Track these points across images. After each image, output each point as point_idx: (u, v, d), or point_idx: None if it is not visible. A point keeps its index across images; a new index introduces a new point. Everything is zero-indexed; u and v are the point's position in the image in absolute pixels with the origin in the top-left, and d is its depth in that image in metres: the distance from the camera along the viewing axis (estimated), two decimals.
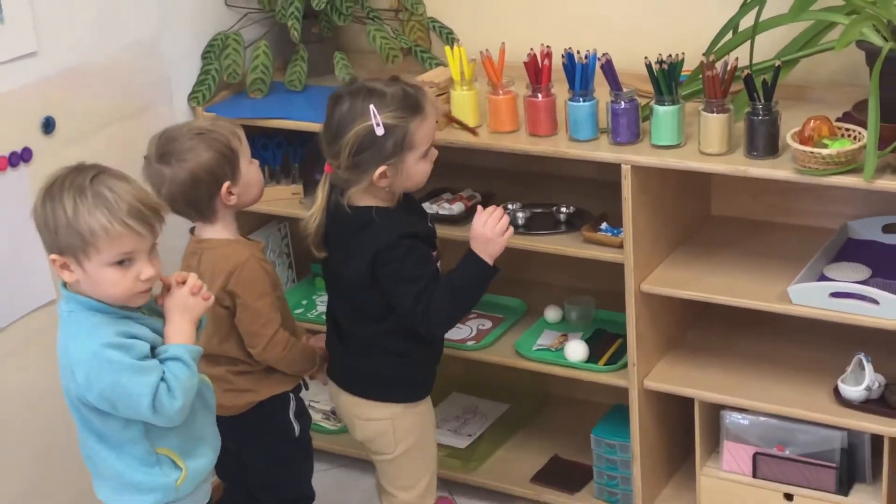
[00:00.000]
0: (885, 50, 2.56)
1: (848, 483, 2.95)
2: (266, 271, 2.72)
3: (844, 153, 2.55)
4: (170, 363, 2.29)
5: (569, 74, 2.84)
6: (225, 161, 2.63)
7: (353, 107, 2.52)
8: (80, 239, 2.22)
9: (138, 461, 2.38)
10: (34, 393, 2.92)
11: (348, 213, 2.60)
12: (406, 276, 2.58)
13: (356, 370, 2.76)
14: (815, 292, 2.72)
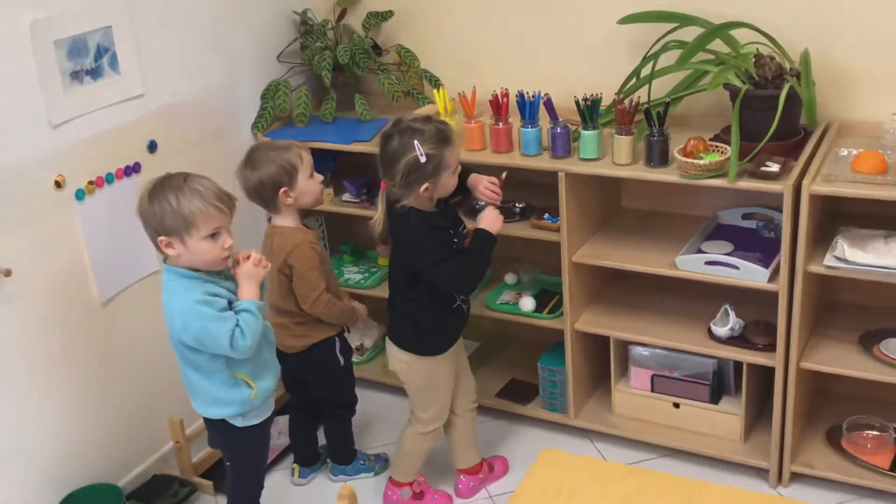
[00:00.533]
0: (743, 90, 2.58)
1: (718, 395, 2.97)
2: (315, 251, 2.70)
3: (715, 163, 2.56)
4: (242, 313, 2.30)
5: (521, 109, 2.84)
6: (284, 173, 2.63)
7: (402, 142, 2.42)
8: (183, 221, 2.23)
9: (223, 383, 2.39)
10: (147, 330, 2.92)
11: (404, 214, 2.50)
12: (431, 255, 2.51)
13: (393, 324, 2.70)
14: (694, 261, 2.73)
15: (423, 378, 2.72)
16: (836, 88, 2.79)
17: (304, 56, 3.31)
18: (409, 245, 2.53)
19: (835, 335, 2.80)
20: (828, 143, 2.68)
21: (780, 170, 2.54)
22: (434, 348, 2.68)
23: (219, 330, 2.26)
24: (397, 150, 2.43)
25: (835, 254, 2.56)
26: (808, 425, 2.95)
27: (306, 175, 2.68)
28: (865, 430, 2.85)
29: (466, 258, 2.56)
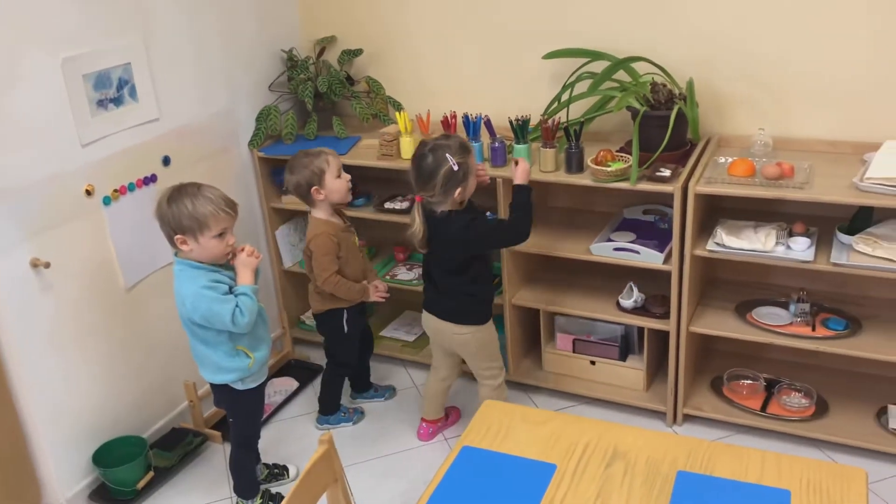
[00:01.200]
0: (642, 111, 2.61)
1: (625, 354, 3.00)
2: (332, 241, 2.70)
3: (620, 170, 2.59)
4: (240, 296, 2.28)
5: (466, 128, 2.85)
6: (314, 176, 2.66)
7: (435, 158, 2.38)
8: (197, 222, 2.22)
9: (226, 354, 2.37)
10: (164, 310, 2.91)
11: (445, 216, 2.46)
12: (484, 234, 2.49)
13: (450, 307, 2.62)
14: (605, 248, 2.76)
15: (484, 341, 2.67)
16: (715, 109, 2.84)
17: (290, 86, 3.30)
18: (461, 237, 2.47)
19: (716, 305, 2.84)
20: (709, 152, 2.73)
21: (672, 174, 2.58)
22: (486, 316, 2.66)
23: (222, 310, 2.25)
24: (433, 166, 2.39)
25: (715, 240, 2.61)
26: (697, 377, 3.01)
27: (333, 175, 2.69)
28: (741, 380, 2.92)
29: (514, 214, 2.51)
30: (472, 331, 2.65)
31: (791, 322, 2.69)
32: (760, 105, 2.80)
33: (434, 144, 2.41)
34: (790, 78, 2.73)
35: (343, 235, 2.77)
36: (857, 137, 2.70)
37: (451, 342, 2.68)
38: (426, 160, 2.40)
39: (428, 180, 2.41)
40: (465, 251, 2.53)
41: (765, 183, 2.49)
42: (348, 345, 2.96)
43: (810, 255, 2.49)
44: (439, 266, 2.59)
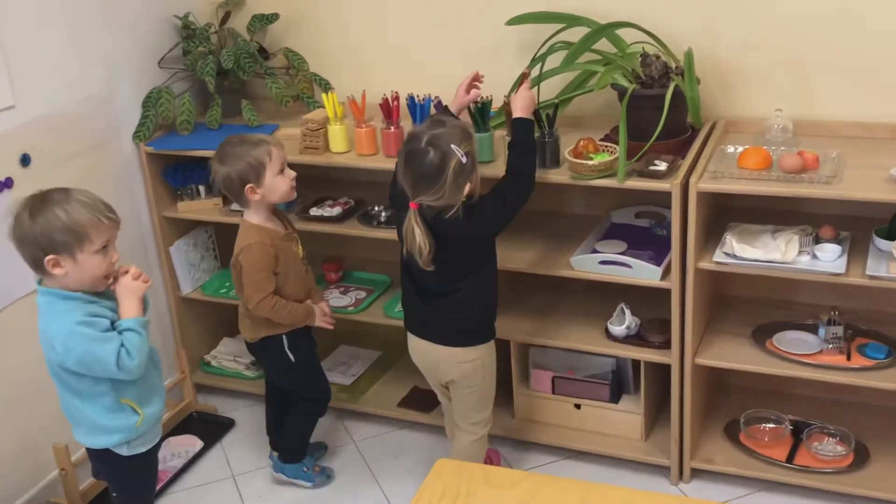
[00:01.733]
0: (630, 90, 2.65)
1: (618, 394, 3.03)
2: (266, 253, 2.71)
3: (604, 163, 2.62)
4: (126, 333, 2.26)
5: (412, 112, 2.88)
6: (251, 170, 2.66)
7: (439, 152, 2.38)
8: (75, 235, 2.19)
9: (107, 410, 2.34)
10: (24, 356, 2.86)
11: (460, 218, 2.46)
12: (494, 198, 2.52)
13: (456, 326, 2.64)
14: (589, 261, 2.80)
15: (490, 368, 2.71)
16: (721, 86, 2.90)
17: (186, 61, 3.29)
18: (482, 227, 2.52)
19: (728, 330, 2.89)
20: (714, 140, 2.78)
21: (668, 168, 2.63)
22: (493, 330, 2.71)
23: (103, 351, 2.22)
24: (438, 163, 2.39)
25: (724, 250, 2.65)
26: (707, 421, 3.05)
27: (275, 171, 2.69)
28: (762, 424, 2.97)
29: (512, 158, 2.55)
30: (481, 353, 2.67)
31: (821, 350, 2.75)
32: (776, 80, 2.86)
33: (431, 136, 2.40)
34: (813, 46, 2.80)
35: (282, 245, 2.77)
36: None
37: (451, 374, 2.69)
38: (427, 157, 2.39)
39: (433, 181, 2.40)
40: (489, 237, 2.58)
41: (783, 177, 2.55)
42: (307, 374, 2.96)
43: (842, 266, 2.55)
44: (445, 276, 2.58)
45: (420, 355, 2.74)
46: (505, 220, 2.56)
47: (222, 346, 3.65)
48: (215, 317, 3.64)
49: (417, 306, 2.67)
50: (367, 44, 3.30)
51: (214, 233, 3.52)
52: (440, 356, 2.68)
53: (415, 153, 2.41)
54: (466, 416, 2.77)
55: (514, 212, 2.56)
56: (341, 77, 3.33)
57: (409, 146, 2.44)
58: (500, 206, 2.52)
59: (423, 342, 2.70)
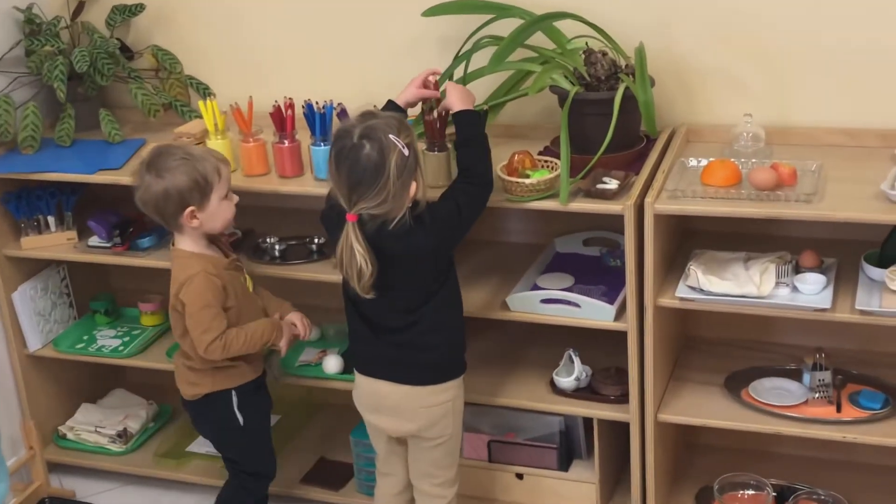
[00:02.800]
0: (572, 93, 2.67)
1: (567, 460, 3.04)
2: (213, 285, 2.71)
3: (543, 181, 2.64)
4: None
5: (310, 122, 2.87)
6: (196, 189, 2.65)
7: (377, 145, 2.40)
8: None
9: None
10: None
11: (407, 226, 2.48)
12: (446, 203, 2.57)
13: (421, 365, 2.64)
14: (529, 300, 2.81)
15: (461, 411, 2.73)
16: (679, 88, 2.95)
17: (29, 63, 3.25)
18: (436, 237, 2.54)
19: (697, 379, 2.92)
20: (673, 152, 2.81)
21: (619, 186, 2.65)
22: (464, 362, 2.74)
23: None
24: (377, 158, 2.41)
25: (688, 283, 2.68)
26: (675, 488, 3.07)
27: (221, 194, 2.70)
28: (740, 490, 2.96)
29: (465, 158, 2.59)
30: (453, 394, 2.69)
31: (806, 400, 2.78)
32: (746, 81, 2.91)
33: (364, 128, 2.43)
34: (788, 41, 2.85)
35: (228, 275, 2.78)
36: (885, 124, 2.83)
37: (416, 422, 2.68)
38: (363, 152, 2.42)
39: (373, 181, 2.42)
40: (444, 250, 2.60)
41: (756, 195, 2.58)
42: (254, 441, 2.96)
43: (826, 299, 2.59)
44: (394, 305, 2.60)
45: (374, 402, 2.73)
46: (462, 228, 2.60)
47: (81, 415, 3.59)
48: (72, 378, 3.58)
49: (368, 341, 2.68)
50: (255, 40, 3.30)
51: (69, 274, 3.47)
52: (402, 400, 2.67)
53: (347, 151, 2.43)
54: (432, 475, 2.76)
55: (471, 218, 2.60)
56: (223, 81, 3.33)
57: (340, 144, 2.45)
58: (455, 211, 2.55)
59: (379, 384, 2.69)
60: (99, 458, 3.49)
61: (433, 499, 2.79)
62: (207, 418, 2.95)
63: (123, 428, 3.49)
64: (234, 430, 2.92)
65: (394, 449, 2.81)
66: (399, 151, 2.42)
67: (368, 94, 3.04)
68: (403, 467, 2.83)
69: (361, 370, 2.74)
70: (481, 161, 2.61)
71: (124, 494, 3.41)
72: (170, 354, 3.28)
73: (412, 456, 2.78)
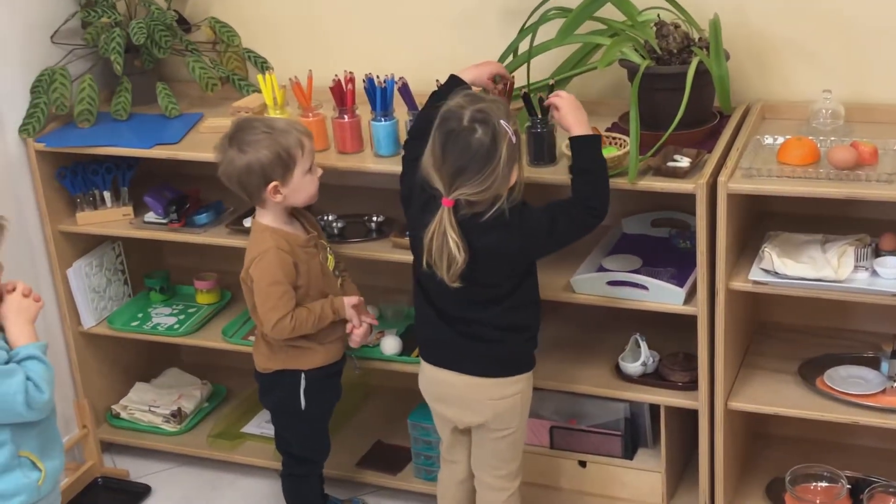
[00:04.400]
0: (643, 67, 2.66)
1: (632, 448, 3.03)
2: (284, 262, 2.74)
3: (612, 159, 2.62)
4: (27, 363, 2.28)
5: (370, 97, 2.88)
6: (279, 163, 2.67)
7: (490, 131, 2.40)
8: None
9: (1, 467, 2.32)
10: None
11: (500, 218, 2.48)
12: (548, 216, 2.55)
13: (489, 356, 2.64)
14: (594, 282, 2.80)
15: (528, 404, 2.74)
16: (755, 62, 2.91)
17: (86, 36, 3.27)
18: (523, 240, 2.54)
19: (769, 366, 2.90)
20: (748, 129, 2.78)
21: (691, 164, 2.63)
22: (532, 358, 2.74)
23: (7, 388, 2.24)
24: (490, 144, 2.40)
25: (762, 266, 2.66)
26: (744, 479, 3.05)
27: (304, 168, 2.72)
28: (813, 482, 2.94)
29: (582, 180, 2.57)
30: (522, 386, 2.69)
31: (884, 389, 2.75)
32: (824, 56, 2.87)
33: (475, 111, 2.42)
34: (869, 14, 2.81)
35: (304, 253, 2.80)
36: None
37: (484, 414, 2.68)
38: (474, 136, 2.40)
39: (483, 166, 2.41)
40: (539, 255, 2.62)
41: (834, 174, 2.55)
42: (309, 428, 2.99)
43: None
44: (478, 294, 2.59)
45: (439, 391, 2.73)
46: (549, 245, 2.60)
47: (134, 394, 3.62)
48: (126, 357, 3.61)
49: (439, 329, 2.67)
50: (315, 13, 3.30)
51: (124, 250, 3.49)
52: (467, 391, 2.67)
53: (458, 134, 2.41)
54: (496, 467, 2.76)
55: (564, 240, 2.60)
56: (282, 54, 3.33)
57: (448, 126, 2.43)
58: (547, 226, 2.54)
59: (444, 373, 2.68)
60: (152, 438, 3.52)
61: (495, 491, 2.78)
62: (272, 394, 2.97)
63: (178, 408, 3.52)
64: (294, 414, 2.94)
65: (458, 438, 2.81)
66: (509, 138, 2.42)
67: (429, 68, 3.00)
68: (467, 456, 2.83)
69: (427, 358, 2.74)
70: (597, 192, 2.55)
71: (178, 475, 3.44)
72: (226, 333, 3.30)
73: (476, 446, 2.78)
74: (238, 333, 3.31)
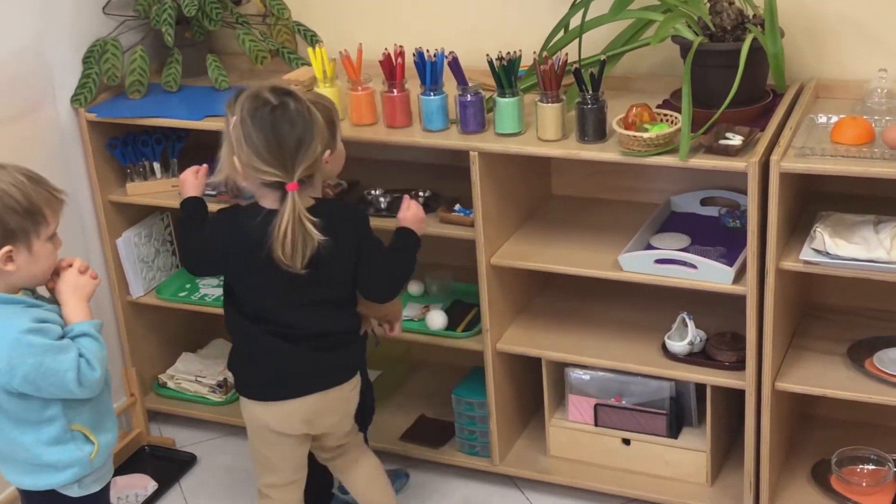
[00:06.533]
0: (696, 43, 2.63)
1: (677, 427, 3.03)
2: None
3: (663, 136, 2.60)
4: (80, 340, 2.29)
5: (420, 71, 2.86)
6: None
7: (294, 98, 2.43)
8: (32, 218, 2.23)
9: (54, 440, 2.34)
10: None
11: (330, 208, 2.54)
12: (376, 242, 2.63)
13: (336, 364, 2.66)
14: (641, 260, 2.79)
15: None
16: (809, 40, 2.88)
17: (137, 7, 3.28)
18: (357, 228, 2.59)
19: (818, 347, 2.88)
20: (801, 108, 2.76)
21: (744, 143, 2.60)
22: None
23: (60, 364, 2.24)
24: (304, 109, 2.42)
25: (813, 246, 2.63)
26: (790, 460, 3.04)
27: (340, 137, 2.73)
28: (859, 465, 2.95)
29: (390, 251, 2.65)
30: (356, 382, 2.74)
31: None
32: (880, 34, 2.83)
33: (272, 88, 2.44)
34: None
35: None
36: None
37: (334, 414, 2.72)
38: (291, 107, 2.41)
39: (313, 133, 2.43)
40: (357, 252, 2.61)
41: (889, 154, 2.52)
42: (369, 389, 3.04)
43: None
44: (324, 298, 2.58)
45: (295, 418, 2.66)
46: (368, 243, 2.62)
47: (181, 364, 3.65)
48: (173, 327, 3.63)
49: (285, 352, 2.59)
50: None
51: (172, 222, 3.50)
52: (331, 403, 2.68)
53: (278, 109, 2.40)
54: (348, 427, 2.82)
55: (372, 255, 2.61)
56: (331, 28, 3.32)
57: (262, 110, 2.40)
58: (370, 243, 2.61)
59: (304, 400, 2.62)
60: (199, 408, 3.54)
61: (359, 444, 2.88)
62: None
63: (224, 378, 3.53)
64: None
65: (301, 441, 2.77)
66: (321, 124, 2.46)
67: (479, 42, 3.01)
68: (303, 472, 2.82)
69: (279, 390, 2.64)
70: (404, 269, 2.69)
71: (223, 445, 3.46)
72: None
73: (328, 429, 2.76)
74: None
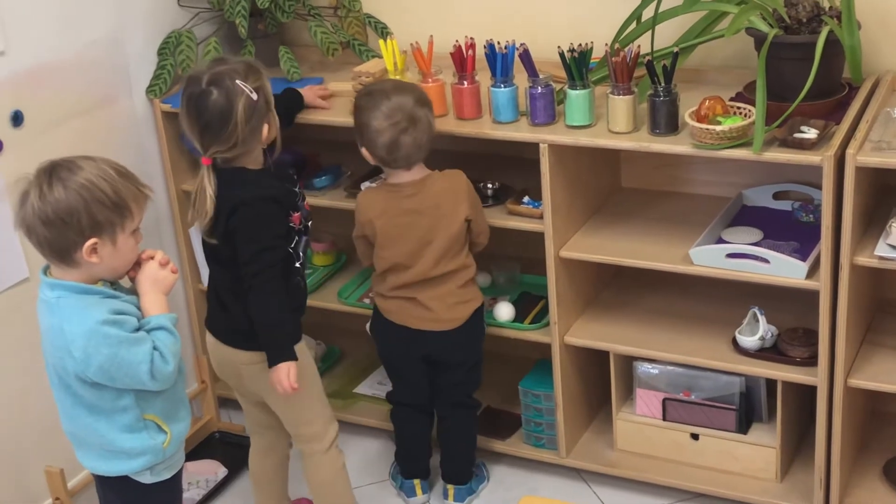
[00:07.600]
0: (771, 36, 2.60)
1: (747, 423, 3.01)
2: None
3: (736, 129, 2.58)
4: (156, 332, 2.30)
5: (490, 63, 2.86)
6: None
7: (223, 92, 2.54)
8: (119, 211, 2.25)
9: (127, 428, 2.36)
10: (13, 358, 2.91)
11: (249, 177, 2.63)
12: (250, 236, 2.60)
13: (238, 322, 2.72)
14: (713, 254, 2.77)
15: None
16: (886, 32, 2.84)
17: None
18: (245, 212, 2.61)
19: (891, 344, 2.84)
20: (878, 101, 2.72)
21: (819, 136, 2.57)
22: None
23: (134, 356, 2.25)
24: (224, 103, 2.55)
25: (889, 241, 2.60)
26: (861, 458, 3.01)
27: None
28: None
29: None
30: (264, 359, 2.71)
31: None
32: None
33: (212, 75, 2.57)
34: None
35: None
36: None
37: (241, 377, 2.81)
38: (209, 98, 2.55)
39: (221, 127, 2.56)
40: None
41: None
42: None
43: None
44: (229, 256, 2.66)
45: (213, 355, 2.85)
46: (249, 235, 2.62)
47: None
48: None
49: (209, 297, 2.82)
50: None
51: None
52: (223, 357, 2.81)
53: (197, 97, 2.57)
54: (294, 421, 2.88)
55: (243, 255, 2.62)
56: (402, 19, 3.33)
57: (189, 91, 2.60)
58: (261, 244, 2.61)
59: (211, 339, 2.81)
60: None
61: (307, 443, 2.89)
62: (476, 333, 3.03)
63: None
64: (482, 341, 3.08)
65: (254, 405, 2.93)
66: (247, 96, 2.55)
67: (551, 34, 3.02)
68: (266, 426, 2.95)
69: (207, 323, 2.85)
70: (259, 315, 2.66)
71: None
72: (341, 295, 3.32)
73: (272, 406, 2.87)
74: (353, 295, 3.32)
